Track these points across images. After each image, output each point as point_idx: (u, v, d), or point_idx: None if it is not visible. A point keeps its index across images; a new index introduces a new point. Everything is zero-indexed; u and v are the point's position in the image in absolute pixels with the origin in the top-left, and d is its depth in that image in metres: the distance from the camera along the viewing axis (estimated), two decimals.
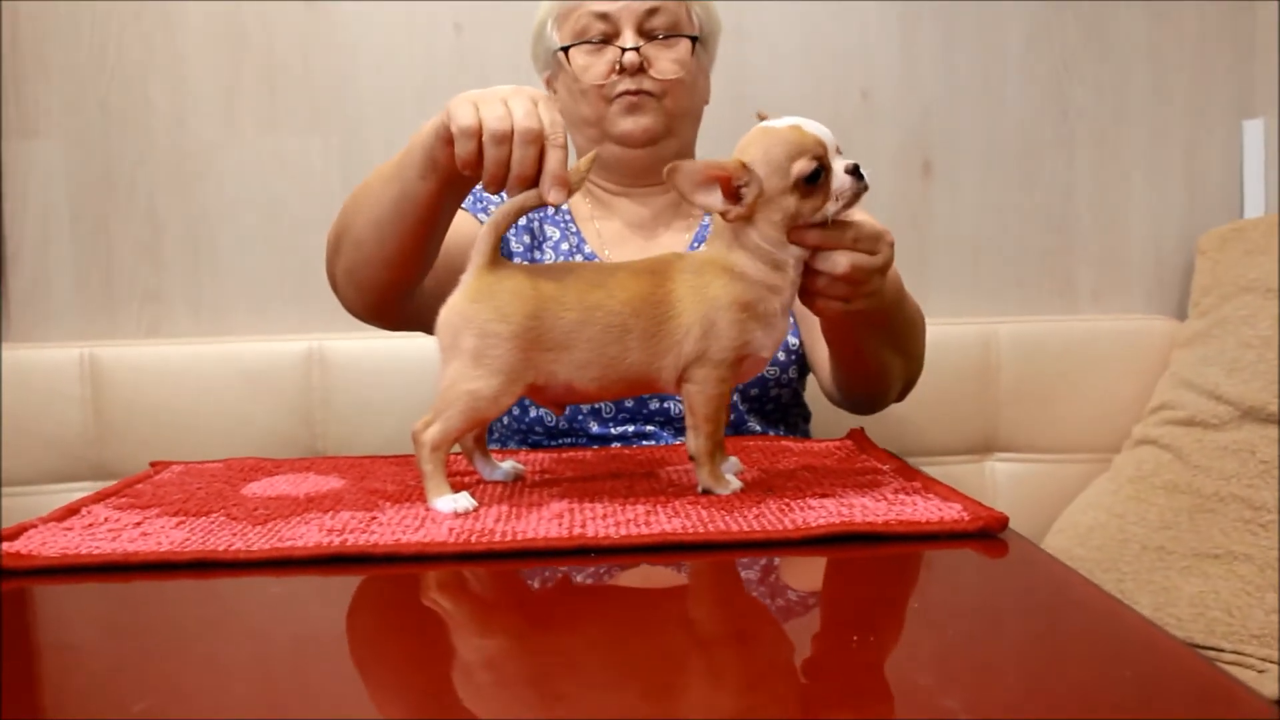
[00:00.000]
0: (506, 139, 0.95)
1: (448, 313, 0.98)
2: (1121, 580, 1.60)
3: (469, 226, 1.38)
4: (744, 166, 0.95)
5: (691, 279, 0.97)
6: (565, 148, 0.97)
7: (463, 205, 1.42)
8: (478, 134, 0.96)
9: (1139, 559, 1.60)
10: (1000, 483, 1.94)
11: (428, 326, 1.16)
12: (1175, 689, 0.60)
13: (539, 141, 0.96)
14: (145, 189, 1.94)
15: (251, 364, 1.86)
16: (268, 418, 1.85)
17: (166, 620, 0.76)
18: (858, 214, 1.00)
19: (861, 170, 0.96)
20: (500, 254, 1.00)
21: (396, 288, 1.24)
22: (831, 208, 0.95)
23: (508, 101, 0.97)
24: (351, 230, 1.23)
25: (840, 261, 0.98)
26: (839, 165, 0.96)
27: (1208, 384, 1.68)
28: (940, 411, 1.91)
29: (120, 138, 1.93)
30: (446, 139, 1.00)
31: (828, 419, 1.58)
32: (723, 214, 0.96)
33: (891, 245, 1.02)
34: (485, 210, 1.46)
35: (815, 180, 0.95)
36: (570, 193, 0.97)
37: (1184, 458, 1.65)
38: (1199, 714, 0.57)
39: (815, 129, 0.96)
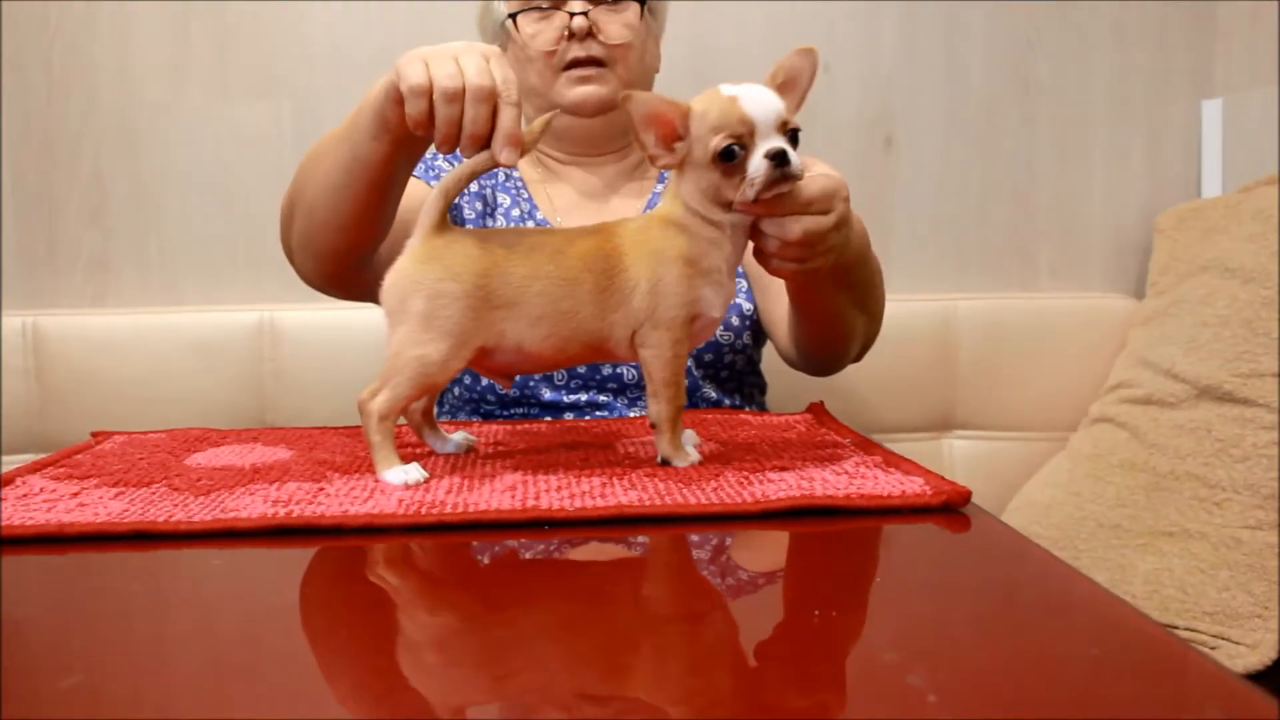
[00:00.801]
0: (458, 97, 0.92)
1: (395, 275, 0.95)
2: (1077, 558, 1.60)
3: (420, 192, 1.35)
4: (687, 117, 0.93)
5: (638, 233, 0.95)
6: (519, 105, 0.94)
7: (414, 174, 1.39)
8: (428, 92, 0.93)
9: (1095, 537, 1.61)
10: (958, 460, 1.94)
11: None
12: (1136, 660, 0.59)
13: (492, 99, 0.93)
14: (91, 153, 1.89)
15: (201, 334, 1.82)
16: (217, 390, 1.81)
17: (102, 593, 0.73)
18: (818, 166, 0.98)
19: (789, 154, 0.91)
20: (450, 220, 0.97)
21: (352, 254, 1.21)
22: (749, 192, 0.91)
23: (459, 59, 0.94)
24: (304, 196, 1.19)
25: (792, 228, 0.95)
26: (763, 147, 0.91)
27: (1165, 363, 1.68)
28: (899, 388, 1.91)
29: (64, 99, 1.88)
30: (397, 98, 0.97)
31: (784, 391, 1.57)
32: (651, 159, 0.95)
33: (846, 200, 0.99)
34: (437, 176, 1.43)
35: (730, 159, 0.92)
36: (523, 153, 0.94)
37: (1140, 436, 1.65)
38: (1160, 684, 0.56)
39: (754, 105, 0.92)
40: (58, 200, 1.89)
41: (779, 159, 0.91)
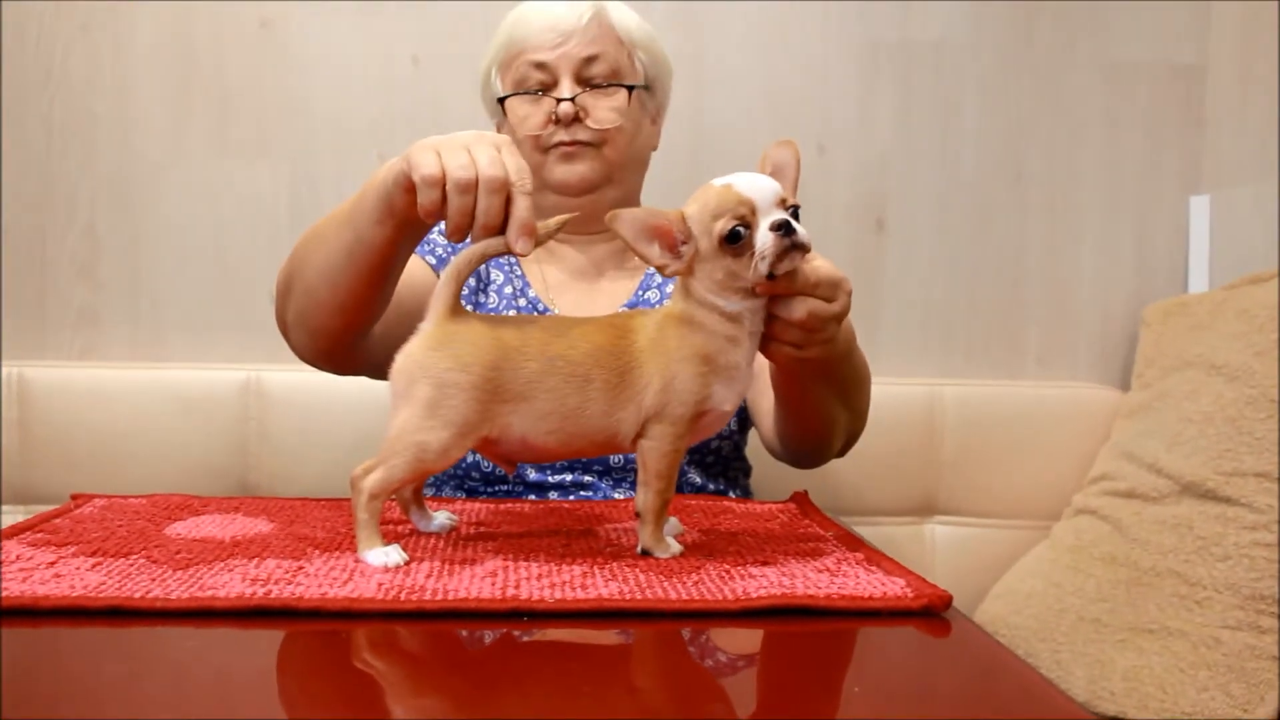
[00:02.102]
0: (471, 188, 0.93)
1: (404, 360, 0.95)
2: (1057, 651, 1.60)
3: (417, 269, 1.35)
4: (684, 220, 0.94)
5: (653, 331, 0.96)
6: (531, 194, 0.95)
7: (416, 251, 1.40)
8: (441, 183, 0.94)
9: (1075, 630, 1.60)
10: (939, 545, 1.93)
11: (377, 371, 1.13)
12: None
13: (505, 190, 0.94)
14: (85, 206, 1.90)
15: (187, 391, 1.82)
16: (201, 448, 1.80)
17: (75, 672, 0.72)
18: (818, 259, 0.99)
19: (794, 224, 0.92)
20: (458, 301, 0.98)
21: (349, 333, 1.21)
22: (763, 266, 0.92)
23: (471, 149, 0.94)
24: (303, 276, 1.20)
25: (797, 308, 0.96)
26: (766, 222, 0.92)
27: (1148, 456, 1.68)
28: (882, 471, 1.91)
29: (61, 152, 1.89)
30: (406, 187, 0.98)
31: (768, 474, 1.56)
32: (660, 268, 0.95)
33: (849, 294, 1.01)
34: (432, 253, 1.44)
35: (736, 240, 0.92)
36: (537, 244, 0.95)
37: (1123, 530, 1.65)
38: None
39: (748, 187, 0.93)
40: (50, 252, 1.89)
41: (785, 228, 0.92)
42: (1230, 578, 1.50)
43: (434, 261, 1.42)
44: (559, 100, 1.39)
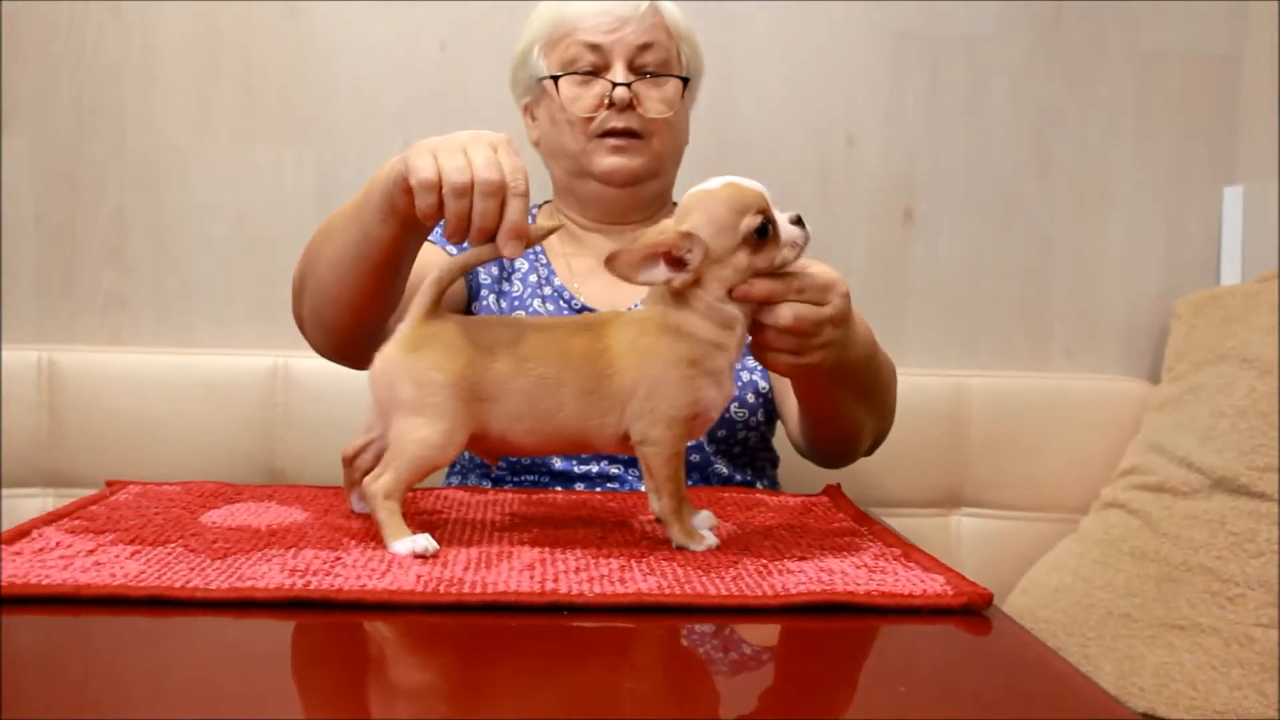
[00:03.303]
0: (467, 191, 0.93)
1: (382, 363, 0.96)
2: (1086, 645, 1.59)
3: (435, 260, 1.35)
4: (686, 235, 0.93)
5: (636, 338, 0.95)
6: (527, 195, 0.94)
7: (430, 238, 1.40)
8: (438, 187, 0.94)
9: (1104, 625, 1.59)
10: (965, 538, 1.92)
11: None
12: None
13: (500, 193, 0.93)
14: (114, 191, 1.90)
15: (214, 377, 1.82)
16: (228, 433, 1.81)
17: (115, 662, 0.72)
18: (814, 265, 0.99)
19: (803, 220, 0.96)
20: (465, 282, 0.98)
21: (362, 329, 1.21)
22: (789, 254, 0.95)
23: (468, 150, 0.94)
24: (314, 274, 1.20)
25: (783, 314, 0.96)
26: (783, 217, 0.95)
27: (1179, 451, 1.67)
28: (909, 463, 1.90)
29: (91, 137, 1.89)
30: (405, 188, 0.97)
31: (796, 465, 1.56)
32: (667, 283, 0.94)
33: (845, 296, 1.01)
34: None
35: (765, 234, 0.94)
36: (528, 246, 0.95)
37: (1153, 524, 1.64)
38: None
39: (749, 183, 0.95)
40: (79, 237, 1.89)
41: (801, 222, 0.95)
42: (1263, 574, 1.49)
43: (454, 251, 1.42)
44: (614, 84, 1.39)
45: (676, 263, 0.94)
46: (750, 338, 0.99)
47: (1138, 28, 2.00)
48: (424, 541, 0.91)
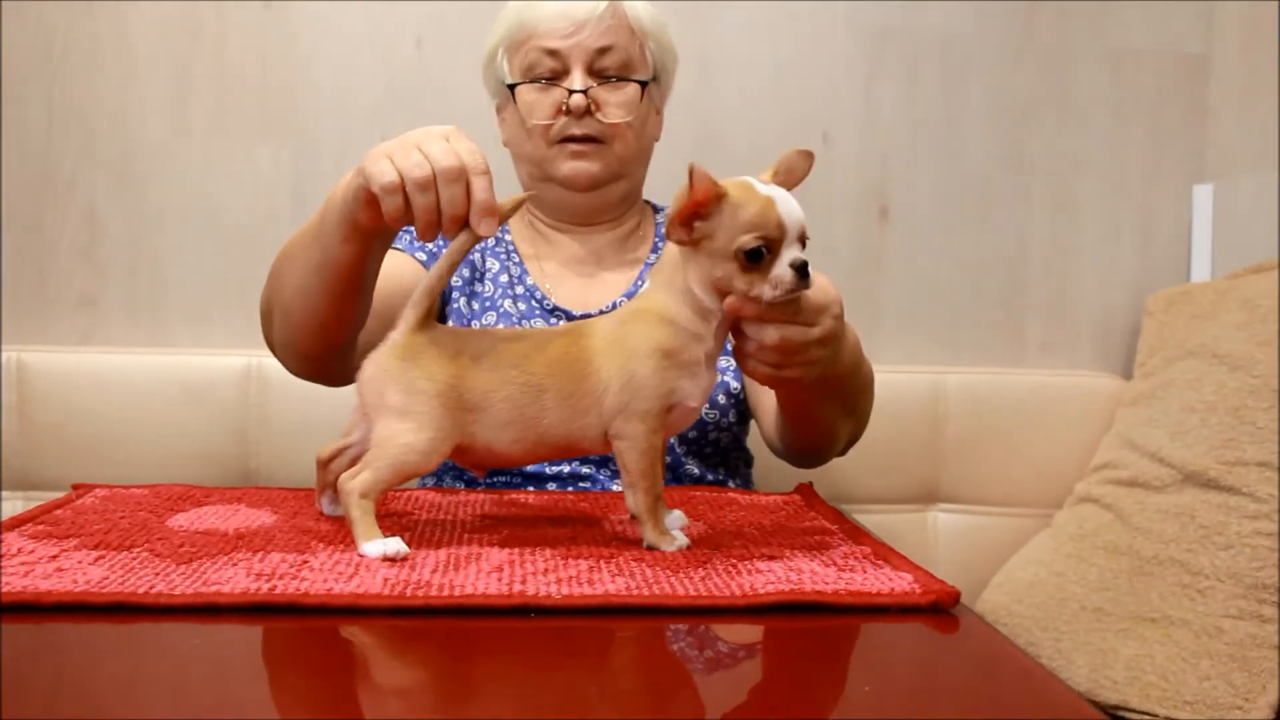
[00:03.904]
0: (430, 184, 0.93)
1: (372, 369, 0.96)
2: (1059, 639, 1.60)
3: (408, 270, 1.34)
4: (718, 200, 0.92)
5: (612, 331, 0.95)
6: (488, 173, 0.94)
7: (397, 246, 1.40)
8: (401, 187, 0.93)
9: (1077, 619, 1.60)
10: (941, 533, 1.93)
11: None
12: None
13: (463, 177, 0.93)
14: (85, 189, 1.88)
15: (188, 377, 1.81)
16: (202, 434, 1.80)
17: (79, 670, 0.71)
18: (816, 278, 0.98)
19: (809, 271, 0.92)
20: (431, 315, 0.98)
21: (332, 348, 1.21)
22: (767, 291, 0.92)
23: (421, 146, 0.94)
24: (280, 299, 1.19)
25: (769, 334, 0.94)
26: (788, 255, 0.92)
27: (1151, 445, 1.68)
28: (885, 459, 1.90)
29: (62, 134, 1.87)
30: (366, 200, 0.97)
31: (772, 463, 1.56)
32: (668, 230, 0.93)
33: (837, 317, 0.99)
34: (423, 248, 1.42)
35: (756, 260, 0.92)
36: (501, 222, 0.94)
37: (1125, 518, 1.65)
38: None
39: (787, 209, 0.92)
40: (50, 235, 1.88)
41: (803, 271, 0.91)
42: (1232, 567, 1.50)
43: (424, 258, 1.41)
44: (571, 91, 1.38)
45: (694, 217, 0.92)
46: (732, 343, 0.98)
47: (1109, 27, 2.02)
48: (395, 545, 0.91)
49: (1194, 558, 1.54)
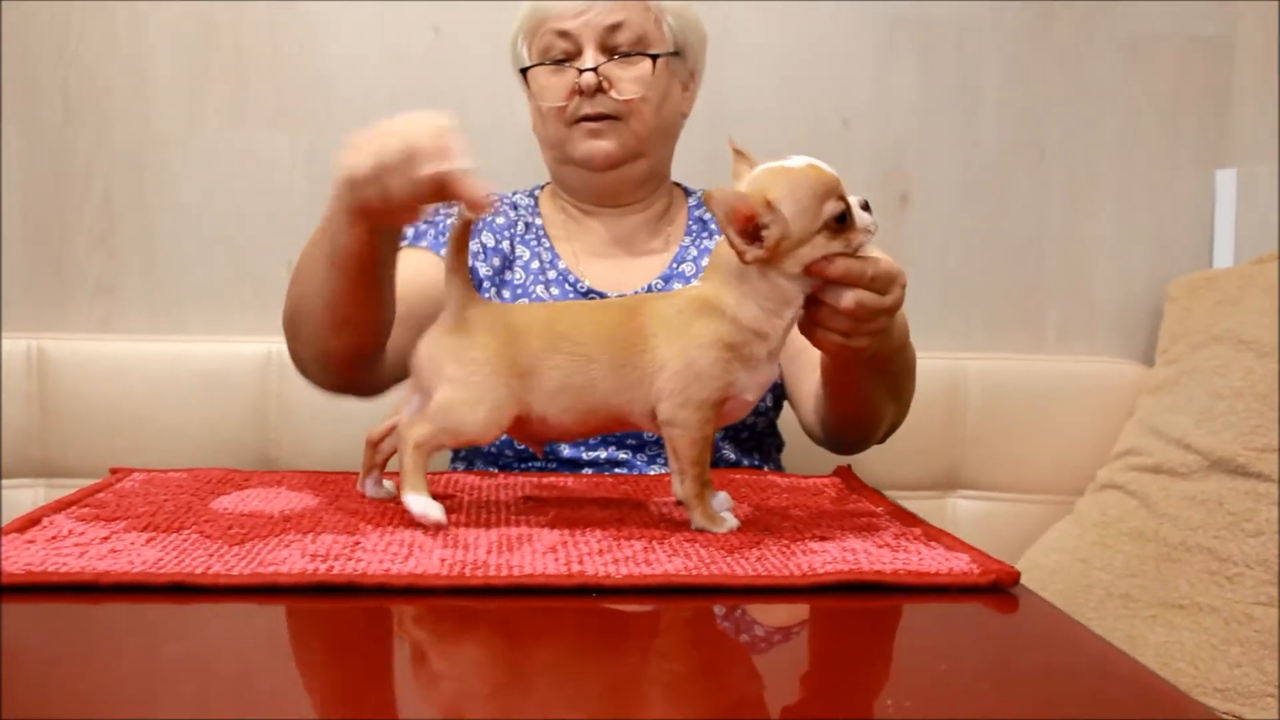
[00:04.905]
0: (380, 175, 0.93)
1: (427, 346, 0.96)
2: (1086, 625, 1.59)
3: (430, 270, 1.31)
4: (770, 205, 0.91)
5: (670, 314, 0.95)
6: (444, 152, 0.91)
7: (425, 245, 1.39)
8: (356, 181, 0.95)
9: (1103, 605, 1.60)
10: (962, 520, 1.93)
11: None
12: None
13: (411, 162, 0.92)
14: (102, 178, 1.87)
15: (207, 365, 1.80)
16: (221, 422, 1.79)
17: (139, 650, 0.71)
18: (877, 251, 0.98)
19: (870, 206, 0.96)
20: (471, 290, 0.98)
21: (360, 349, 1.20)
22: (864, 239, 0.94)
23: (385, 135, 0.94)
24: (303, 304, 1.18)
25: (846, 297, 0.95)
26: (854, 201, 0.94)
27: (1176, 432, 1.68)
28: (905, 446, 1.88)
29: (79, 125, 1.86)
30: (352, 184, 0.97)
31: (799, 448, 1.56)
32: (740, 254, 0.92)
33: (904, 287, 1.00)
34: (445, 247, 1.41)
35: (844, 221, 0.93)
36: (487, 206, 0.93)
37: (1150, 505, 1.65)
38: None
39: (825, 166, 0.94)
40: (67, 223, 1.87)
41: (869, 208, 0.95)
42: (1262, 554, 1.50)
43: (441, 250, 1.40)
44: (581, 71, 1.37)
45: (752, 234, 0.91)
46: (801, 314, 0.98)
47: (1128, 12, 2.01)
48: (435, 512, 0.92)
49: (1222, 544, 1.53)
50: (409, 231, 1.43)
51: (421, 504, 0.92)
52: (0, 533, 0.87)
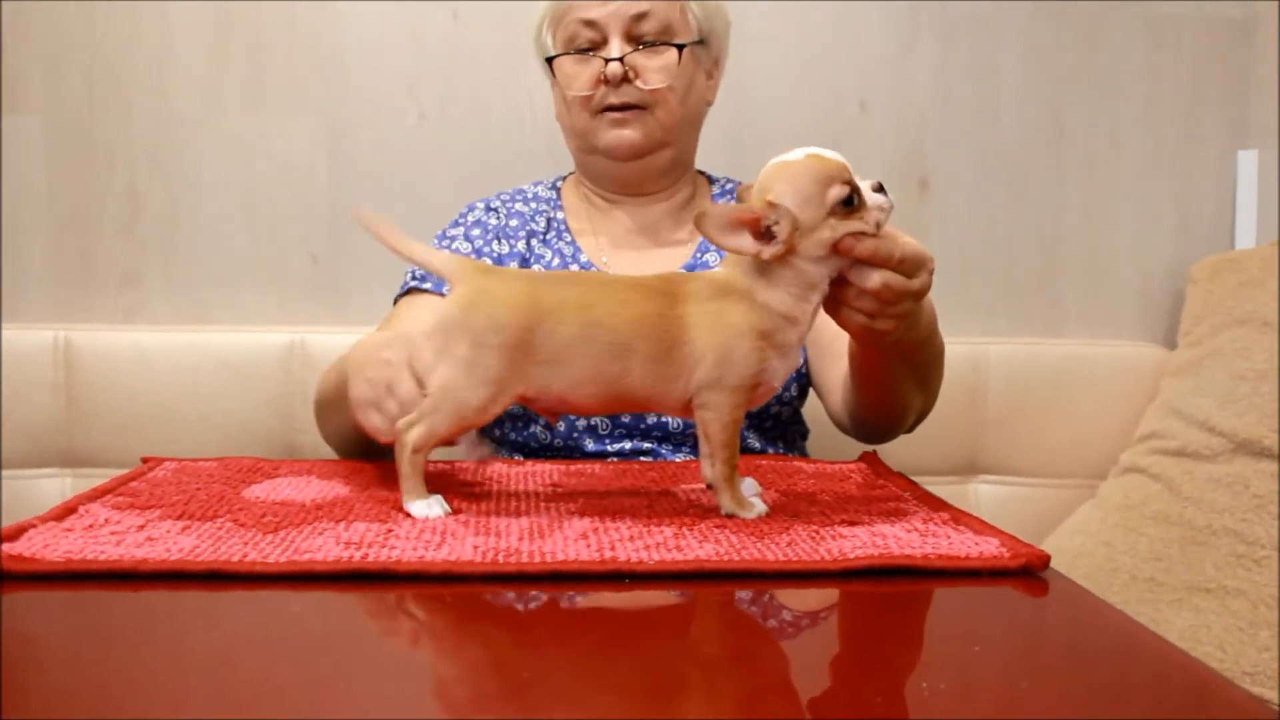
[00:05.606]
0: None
1: (441, 319, 0.95)
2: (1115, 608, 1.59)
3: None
4: (771, 205, 0.92)
5: (708, 304, 0.94)
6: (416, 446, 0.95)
7: (423, 287, 1.43)
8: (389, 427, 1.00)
9: (1128, 589, 1.60)
10: (984, 504, 1.93)
11: None
12: None
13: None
14: (125, 167, 1.88)
15: (231, 354, 1.81)
16: (246, 411, 1.80)
17: (181, 635, 0.72)
18: (905, 236, 0.98)
19: (884, 187, 0.97)
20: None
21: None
22: (881, 216, 0.95)
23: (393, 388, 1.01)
24: (324, 423, 1.33)
25: (872, 277, 0.96)
26: (865, 185, 0.95)
27: (1199, 415, 1.68)
28: (926, 430, 1.87)
29: (103, 113, 1.87)
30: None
31: (823, 436, 1.56)
32: (757, 255, 0.93)
33: (932, 272, 1.00)
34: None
35: (851, 204, 0.93)
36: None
37: (1174, 488, 1.65)
38: None
39: (829, 154, 0.95)
40: (92, 214, 1.88)
41: (882, 189, 0.96)
42: None
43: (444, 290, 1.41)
44: (607, 60, 1.37)
45: (763, 234, 0.93)
46: (827, 294, 0.98)
47: None
48: (437, 508, 0.94)
49: (1249, 527, 1.53)
50: (416, 273, 1.45)
51: (423, 508, 0.94)
52: (38, 521, 0.88)
